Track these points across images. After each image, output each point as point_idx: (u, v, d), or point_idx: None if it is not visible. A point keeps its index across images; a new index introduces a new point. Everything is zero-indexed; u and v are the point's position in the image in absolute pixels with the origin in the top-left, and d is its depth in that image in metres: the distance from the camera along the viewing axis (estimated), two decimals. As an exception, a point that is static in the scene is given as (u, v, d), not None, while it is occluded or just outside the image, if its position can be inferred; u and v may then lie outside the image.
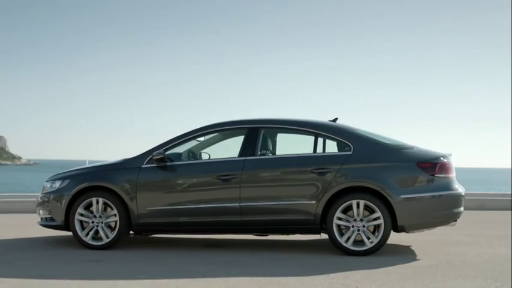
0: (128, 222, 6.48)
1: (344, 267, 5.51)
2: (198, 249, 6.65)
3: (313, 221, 6.24)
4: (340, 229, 6.20)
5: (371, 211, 6.17)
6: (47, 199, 6.75)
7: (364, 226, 6.15)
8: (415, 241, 7.20)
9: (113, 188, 6.48)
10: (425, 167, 6.24)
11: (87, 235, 6.51)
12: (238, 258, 6.04)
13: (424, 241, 7.23)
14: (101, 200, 6.50)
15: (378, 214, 6.11)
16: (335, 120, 7.01)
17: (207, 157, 6.90)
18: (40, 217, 6.92)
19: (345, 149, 6.38)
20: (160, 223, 6.48)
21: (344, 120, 7.00)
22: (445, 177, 6.29)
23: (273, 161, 6.55)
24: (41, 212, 6.87)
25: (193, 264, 5.69)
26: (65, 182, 6.66)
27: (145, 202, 6.45)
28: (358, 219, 6.15)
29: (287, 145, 6.91)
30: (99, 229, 6.50)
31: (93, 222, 6.52)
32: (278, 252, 6.44)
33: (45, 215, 6.81)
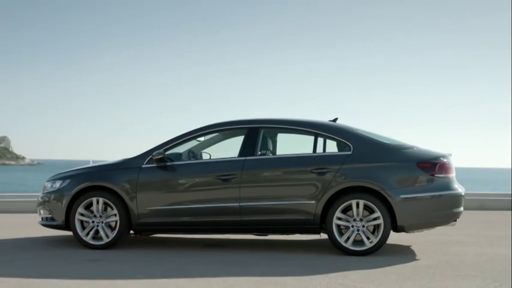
0: (128, 222, 6.50)
1: (343, 267, 5.51)
2: (198, 249, 6.66)
3: (312, 221, 6.25)
4: (339, 229, 6.21)
5: (371, 211, 6.18)
6: (48, 199, 6.78)
7: (363, 226, 6.15)
8: (415, 241, 7.20)
9: (113, 188, 6.50)
10: (425, 167, 6.23)
11: (87, 235, 6.53)
12: (237, 257, 6.05)
13: (424, 241, 7.23)
14: (101, 200, 6.52)
15: (378, 214, 6.11)
16: (335, 120, 7.01)
17: (208, 157, 6.92)
18: (41, 217, 6.94)
19: (345, 149, 6.38)
20: (160, 223, 6.49)
21: (344, 120, 7.01)
22: (445, 177, 6.29)
23: (273, 161, 6.56)
24: (42, 212, 6.90)
25: (192, 263, 5.70)
26: (65, 182, 6.69)
27: (145, 202, 6.46)
28: (357, 219, 6.15)
29: (287, 145, 6.92)
30: (99, 229, 6.52)
31: (93, 222, 6.54)
32: (277, 252, 6.44)
33: (45, 215, 6.84)
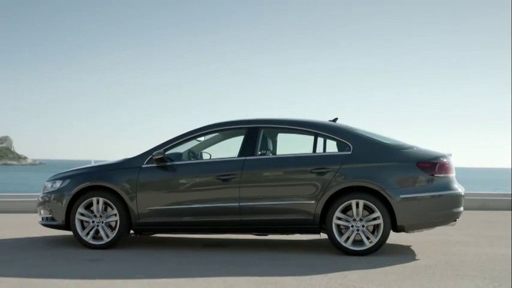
0: (128, 221, 6.51)
1: (343, 267, 5.51)
2: (198, 248, 6.67)
3: (312, 221, 6.25)
4: (339, 229, 6.20)
5: (370, 211, 6.18)
6: (48, 199, 6.79)
7: (363, 226, 6.15)
8: (415, 241, 7.20)
9: (113, 188, 6.51)
10: (424, 167, 6.23)
11: (87, 235, 6.54)
12: (237, 257, 6.05)
13: (424, 241, 7.23)
14: (101, 200, 6.53)
15: (377, 214, 6.11)
16: (335, 120, 7.01)
17: (208, 157, 6.92)
18: (41, 217, 6.95)
19: (345, 149, 6.38)
20: (160, 223, 6.50)
21: (344, 120, 7.01)
22: (445, 177, 6.28)
23: (273, 161, 6.56)
24: (42, 212, 6.91)
25: (192, 263, 5.70)
26: (66, 182, 6.70)
27: (145, 202, 6.47)
28: (357, 219, 6.15)
29: (287, 145, 6.92)
30: (99, 229, 6.53)
31: (93, 221, 6.54)
32: (277, 252, 6.45)
33: (46, 215, 6.85)
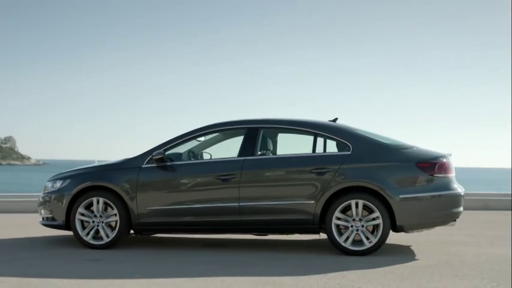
0: (128, 221, 6.52)
1: (342, 267, 5.51)
2: (198, 248, 6.68)
3: (312, 221, 6.25)
4: (339, 229, 6.21)
5: (370, 211, 6.18)
6: (48, 199, 6.80)
7: (363, 226, 6.15)
8: (415, 241, 7.19)
9: (113, 188, 6.52)
10: (424, 167, 6.23)
11: (87, 234, 6.55)
12: (236, 257, 6.06)
13: (424, 241, 7.22)
14: (102, 200, 6.55)
15: (377, 214, 6.11)
16: (335, 120, 7.02)
17: (209, 157, 6.93)
18: (41, 217, 6.97)
19: (344, 149, 6.38)
20: (160, 223, 6.51)
21: (344, 120, 7.01)
22: (444, 177, 6.28)
23: (272, 161, 6.56)
24: (43, 212, 6.93)
25: (191, 263, 5.71)
26: (66, 182, 6.71)
27: (145, 202, 6.48)
28: (357, 219, 6.15)
29: (287, 145, 6.92)
30: (99, 229, 6.54)
31: (93, 221, 6.56)
32: (277, 252, 6.45)
33: (46, 215, 6.87)
